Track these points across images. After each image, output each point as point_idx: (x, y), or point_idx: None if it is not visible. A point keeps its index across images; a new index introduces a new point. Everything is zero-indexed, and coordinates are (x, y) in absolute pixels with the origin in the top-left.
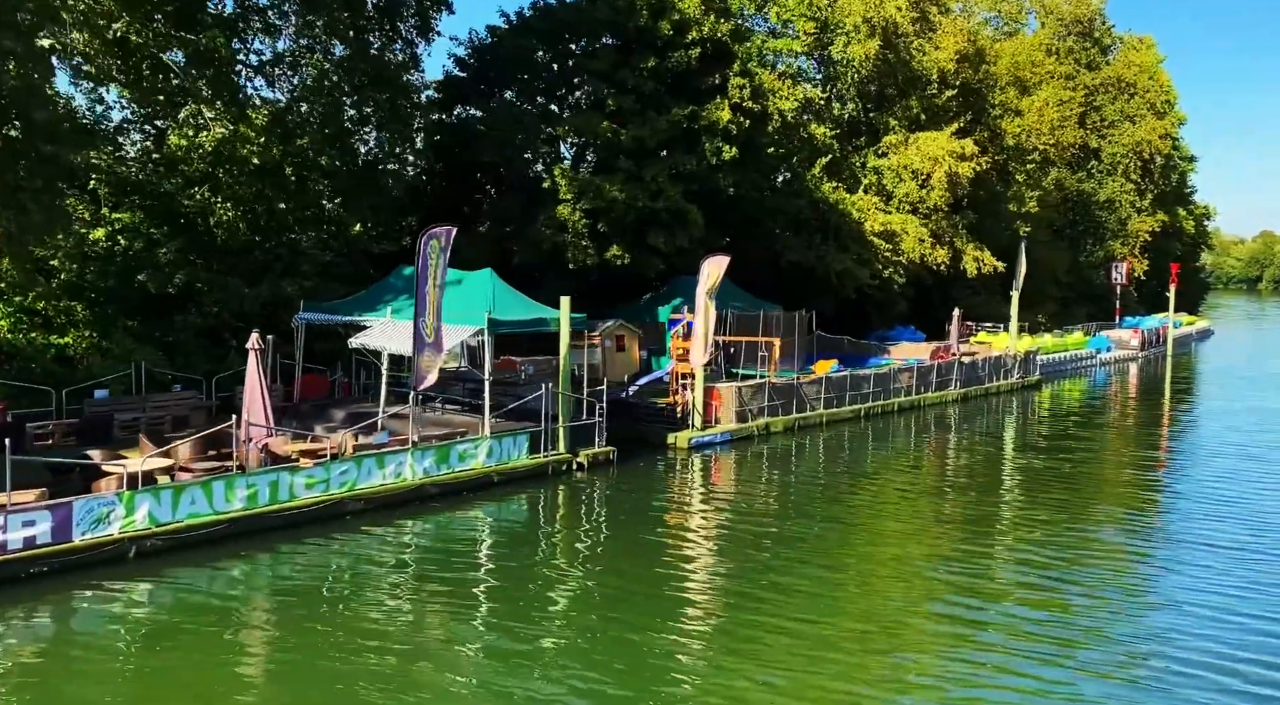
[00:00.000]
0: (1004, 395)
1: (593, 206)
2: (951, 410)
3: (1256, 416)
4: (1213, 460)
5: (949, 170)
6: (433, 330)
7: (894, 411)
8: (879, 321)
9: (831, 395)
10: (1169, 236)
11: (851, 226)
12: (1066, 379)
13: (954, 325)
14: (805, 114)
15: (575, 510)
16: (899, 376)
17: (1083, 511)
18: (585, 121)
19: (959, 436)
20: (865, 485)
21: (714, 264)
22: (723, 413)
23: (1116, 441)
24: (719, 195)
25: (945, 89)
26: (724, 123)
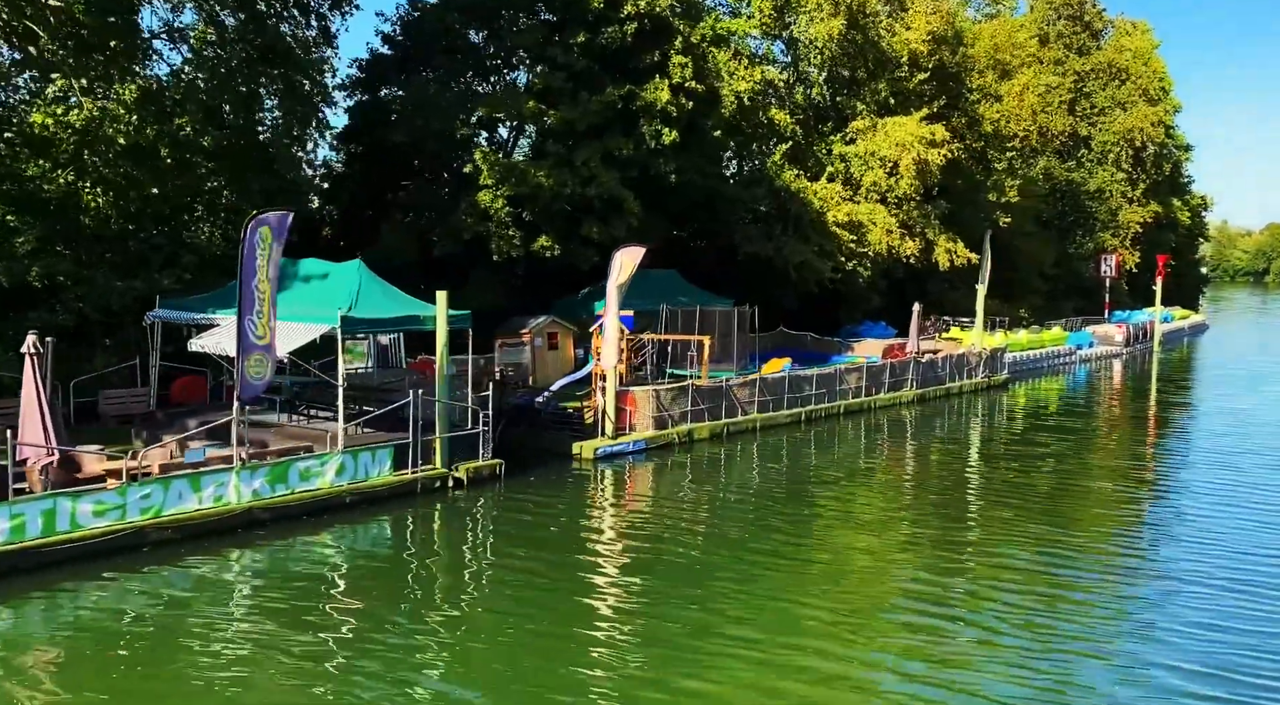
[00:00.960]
0: (967, 396)
1: (516, 193)
2: (907, 413)
3: (1235, 420)
4: (1184, 473)
5: (917, 157)
6: (266, 330)
7: (840, 415)
8: (850, 316)
9: (767, 398)
10: (1163, 228)
11: (813, 216)
12: (1041, 378)
13: (914, 321)
14: (766, 97)
15: (445, 535)
16: (846, 377)
17: (1040, 532)
18: (508, 101)
19: (909, 443)
20: (793, 501)
21: (627, 255)
22: (638, 419)
23: (1079, 449)
24: (660, 182)
25: (917, 72)
26: (662, 104)
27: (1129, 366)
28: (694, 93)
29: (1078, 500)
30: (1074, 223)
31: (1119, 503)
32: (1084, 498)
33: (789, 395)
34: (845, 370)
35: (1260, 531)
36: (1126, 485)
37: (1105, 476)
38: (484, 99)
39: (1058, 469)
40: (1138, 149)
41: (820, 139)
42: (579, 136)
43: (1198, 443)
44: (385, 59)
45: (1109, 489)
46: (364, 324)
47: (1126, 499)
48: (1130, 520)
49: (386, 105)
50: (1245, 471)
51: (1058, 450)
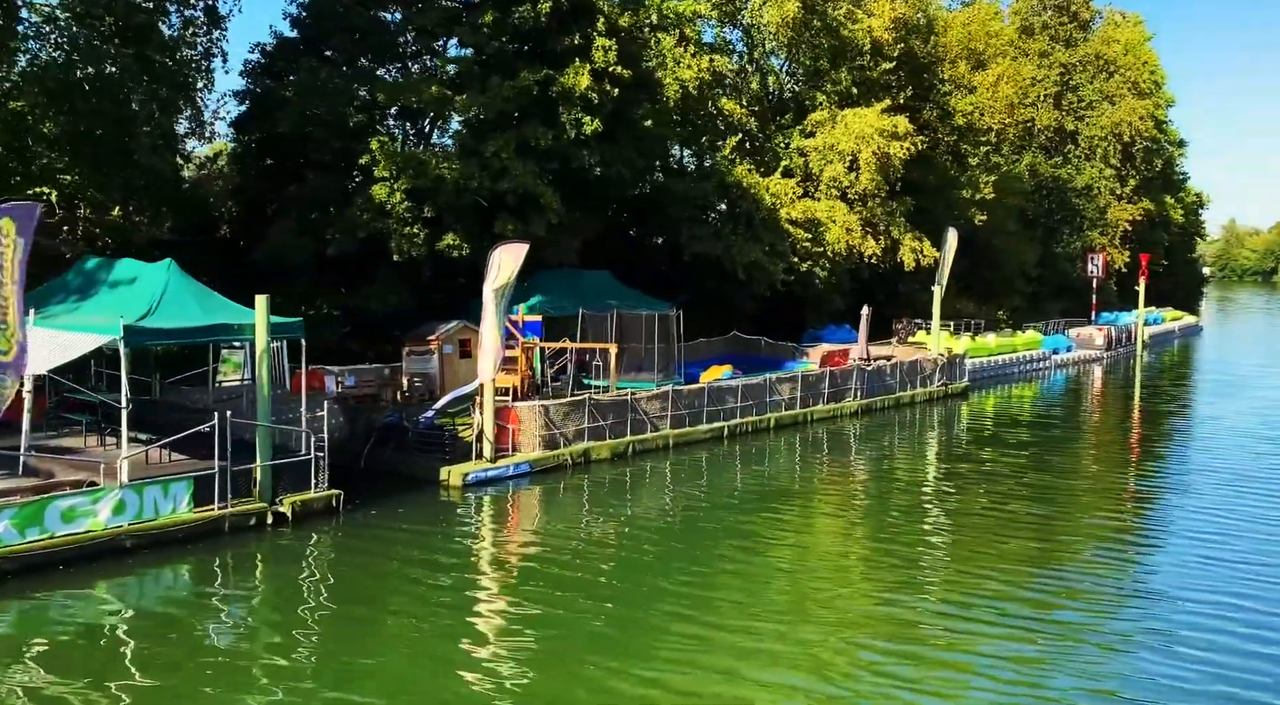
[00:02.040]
0: (920, 406)
1: (415, 186)
2: (850, 426)
3: (1208, 432)
4: (1145, 496)
5: (878, 150)
6: (9, 343)
7: (770, 430)
8: (815, 320)
9: (682, 411)
10: (1155, 226)
11: (764, 214)
12: (1011, 385)
13: (863, 325)
14: (716, 87)
15: (250, 582)
16: (778, 387)
17: (984, 565)
18: (406, 87)
19: (844, 461)
20: (700, 530)
21: (507, 253)
22: (523, 439)
23: (1032, 466)
24: (586, 175)
25: (881, 61)
26: (581, 90)
27: (1110, 372)
28: (620, 79)
29: (1021, 530)
30: (1061, 221)
31: (1065, 530)
32: (1028, 526)
33: (709, 407)
34: (777, 379)
35: (1223, 565)
36: (1077, 509)
37: (1056, 499)
38: (385, 84)
39: (1003, 491)
40: (1126, 144)
41: (779, 132)
42: (490, 125)
43: (1164, 458)
44: (289, 43)
45: (1057, 514)
46: (155, 335)
47: (1075, 525)
48: (1079, 550)
49: (278, 92)
50: (1206, 495)
51: (1006, 468)
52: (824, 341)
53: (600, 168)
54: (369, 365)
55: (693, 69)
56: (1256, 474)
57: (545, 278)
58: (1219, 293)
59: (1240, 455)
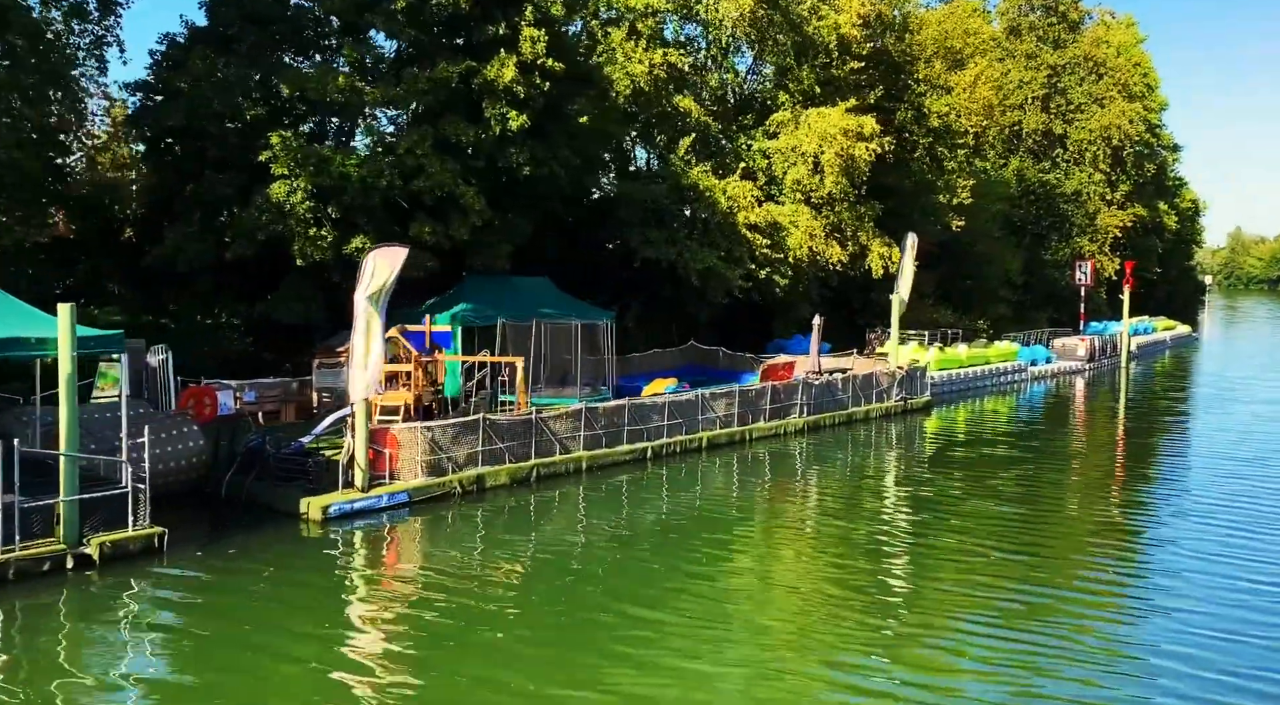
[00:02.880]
0: (876, 422)
1: (317, 185)
2: (795, 445)
3: (1190, 452)
4: (1105, 529)
5: (841, 151)
6: None
7: (702, 450)
8: (784, 329)
9: (598, 431)
10: (1148, 232)
11: (720, 218)
12: (981, 399)
13: (815, 335)
14: (671, 84)
15: (38, 641)
16: (712, 403)
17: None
18: (310, 79)
19: (780, 487)
20: (610, 567)
21: (382, 257)
22: (403, 464)
23: (981, 491)
24: (514, 174)
25: (849, 59)
26: (506, 83)
27: (1092, 385)
28: (551, 72)
29: (972, 566)
30: (1049, 227)
31: (1019, 564)
32: (977, 558)
33: (630, 427)
34: (711, 395)
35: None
36: (1038, 542)
37: (1012, 531)
38: (288, 76)
39: (955, 520)
40: (1116, 148)
41: (741, 133)
42: (418, 120)
43: (1137, 483)
44: (201, 33)
45: (1016, 547)
46: None
47: (1036, 565)
48: (1037, 593)
49: (173, 83)
50: (1185, 526)
51: (960, 492)
52: (789, 352)
53: (529, 167)
54: (273, 379)
55: (643, 64)
56: (1240, 503)
57: (472, 285)
58: (1225, 301)
59: (1220, 480)
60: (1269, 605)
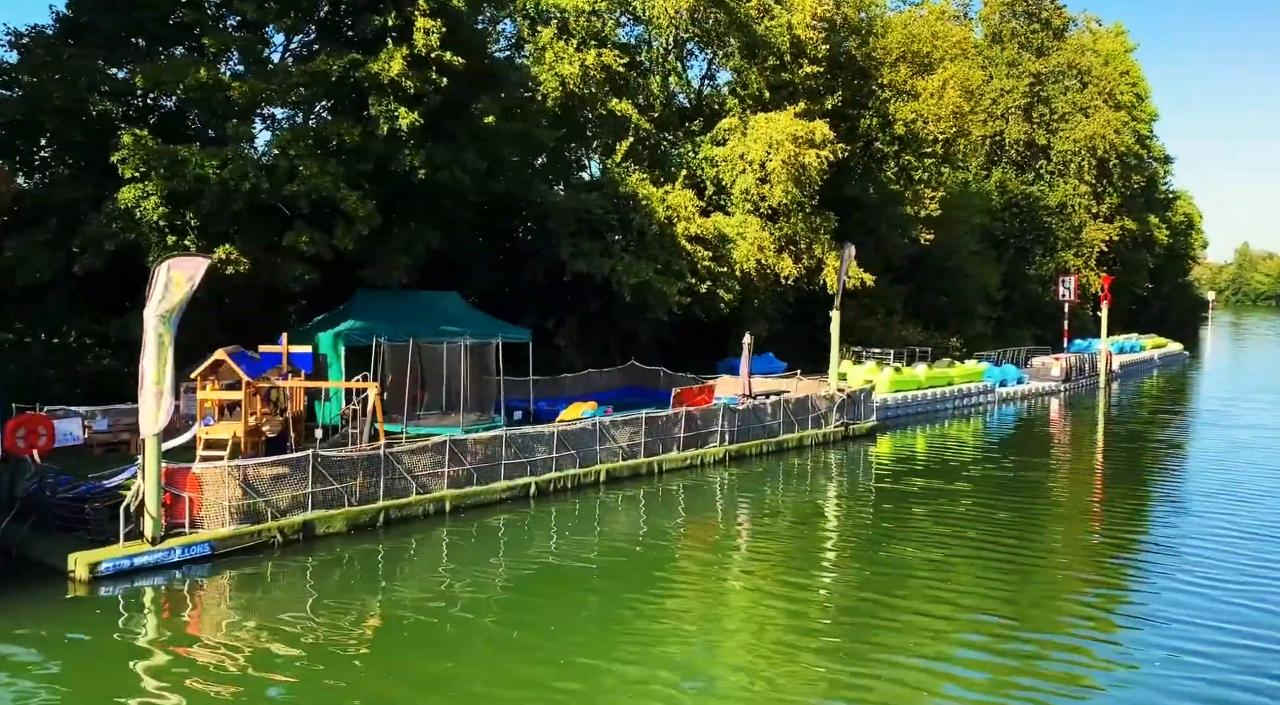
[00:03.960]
0: (811, 451)
1: (173, 189)
2: (711, 478)
3: (1158, 488)
4: (1045, 577)
5: (789, 159)
6: None
7: (599, 485)
8: (739, 347)
9: (469, 466)
10: (1138, 246)
11: (656, 229)
12: (942, 423)
13: (745, 354)
14: (606, 86)
15: None
16: (613, 432)
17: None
18: (168, 69)
19: (682, 528)
20: (451, 648)
21: (178, 268)
22: (206, 511)
23: (924, 543)
24: (408, 179)
25: (804, 62)
26: (393, 77)
27: (1068, 407)
28: (449, 67)
29: (900, 625)
30: (1033, 241)
31: (950, 626)
32: (905, 612)
33: (510, 460)
34: (615, 423)
35: None
36: (954, 588)
37: (925, 581)
38: (145, 69)
39: (885, 569)
40: (1102, 159)
41: (688, 140)
42: (275, 116)
43: (1077, 524)
44: (70, 23)
45: (943, 597)
46: None
47: (946, 613)
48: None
49: (9, 75)
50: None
51: (896, 534)
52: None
53: (425, 170)
54: (130, 405)
55: (573, 65)
56: (1213, 552)
57: (363, 301)
58: (1232, 317)
59: (1186, 522)
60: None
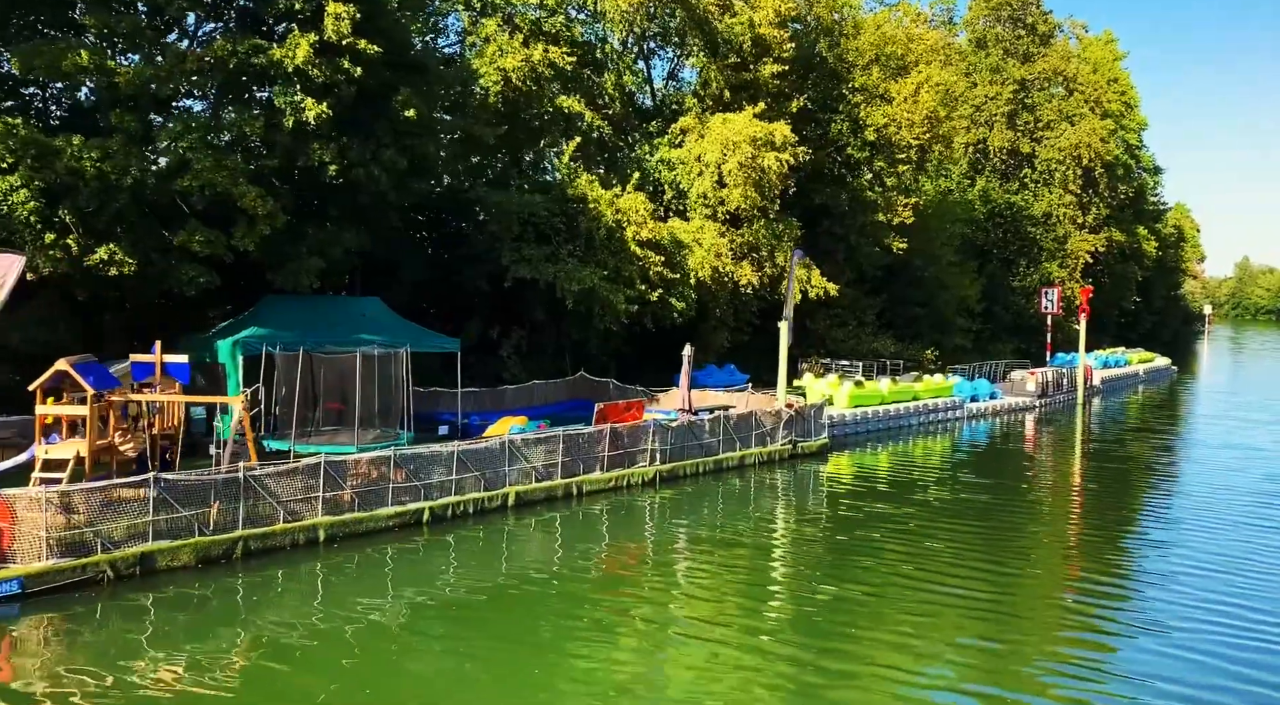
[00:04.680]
0: (756, 470)
1: (44, 181)
2: (637, 502)
3: (1127, 520)
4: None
5: (746, 161)
6: None
7: (504, 510)
8: (701, 357)
9: (346, 489)
10: (1126, 259)
11: (604, 233)
12: (905, 441)
13: (685, 366)
14: (554, 83)
15: None
16: (525, 451)
17: None
18: (45, 53)
19: (599, 558)
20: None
21: None
22: (19, 544)
23: (859, 582)
24: (318, 175)
25: (768, 62)
26: (297, 64)
27: (1042, 424)
28: (363, 55)
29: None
30: (1018, 251)
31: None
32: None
33: (400, 484)
34: (528, 441)
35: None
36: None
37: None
38: (19, 52)
39: (801, 606)
40: (1087, 168)
41: (644, 141)
42: (167, 103)
43: (1028, 556)
44: None
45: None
46: None
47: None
48: None
49: None
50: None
51: (823, 565)
52: (699, 384)
53: (335, 166)
54: (8, 417)
55: (515, 59)
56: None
57: (270, 306)
58: (1231, 331)
59: (1155, 551)
60: None
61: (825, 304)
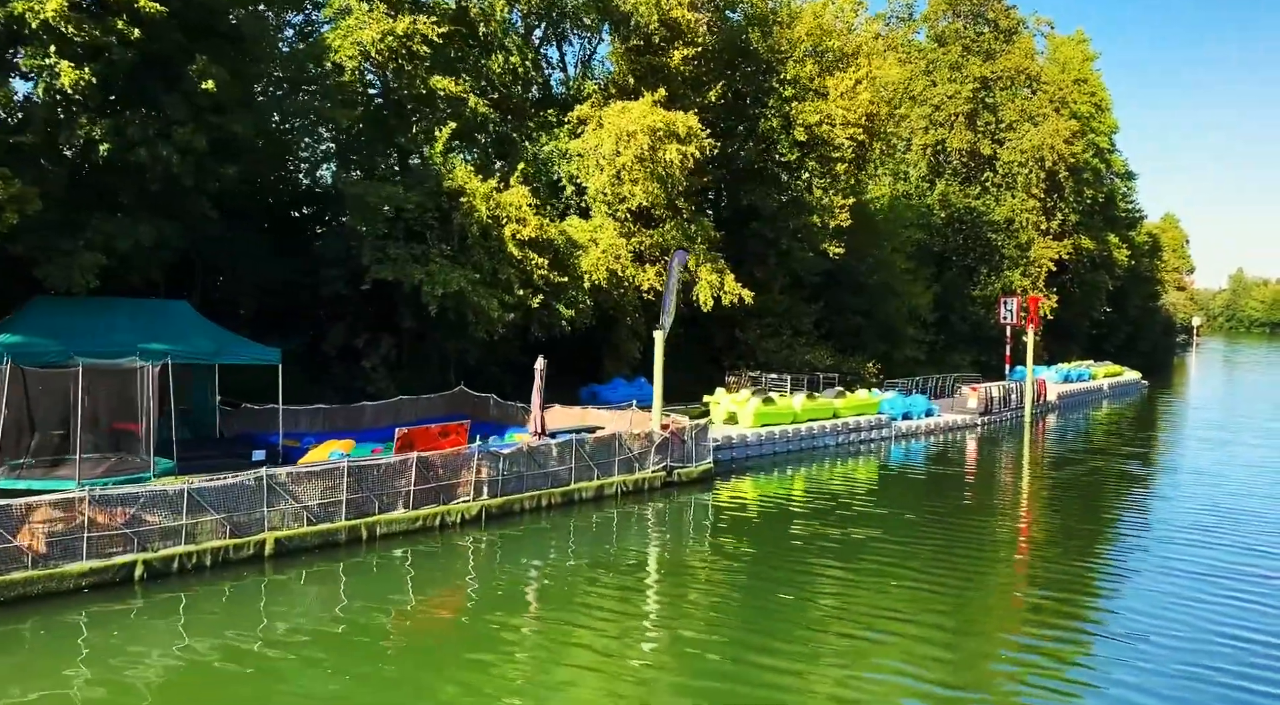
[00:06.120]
0: (618, 502)
1: None
2: (461, 543)
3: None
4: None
5: (642, 153)
6: None
7: (261, 558)
8: (616, 368)
9: (18, 543)
10: (1096, 267)
11: (478, 229)
12: (813, 465)
13: (537, 381)
14: (427, 61)
15: None
16: (292, 487)
17: None
18: None
19: (384, 618)
20: None
21: None
22: None
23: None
24: (86, 154)
25: (680, 45)
26: (48, 19)
27: (984, 445)
28: (144, 16)
29: None
30: (979, 258)
31: None
32: None
33: (97, 533)
34: (296, 476)
35: None
36: None
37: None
38: None
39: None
40: (1051, 171)
41: (542, 131)
42: None
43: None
44: None
45: None
46: None
47: None
48: None
49: None
50: None
51: (665, 623)
52: (603, 400)
53: (107, 144)
54: None
55: (374, 30)
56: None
57: (41, 309)
58: (1225, 343)
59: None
60: None
61: (756, 312)
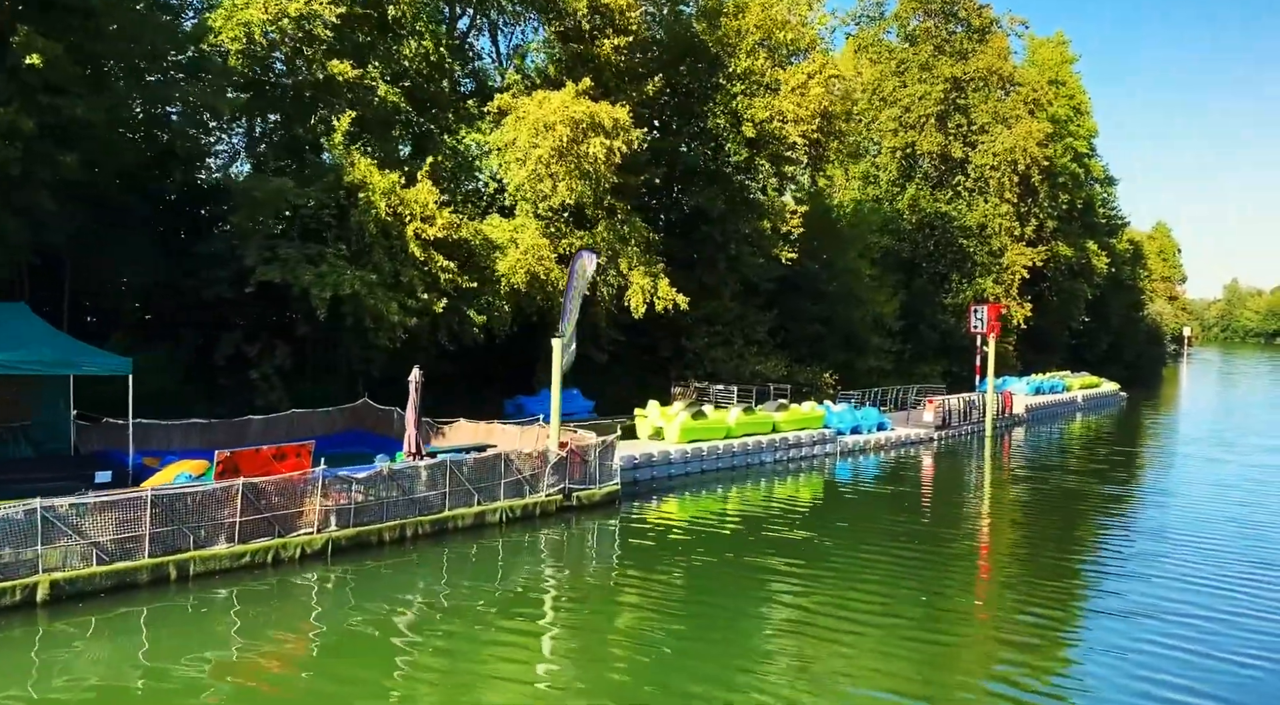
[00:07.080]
0: (502, 530)
1: None
2: (303, 579)
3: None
4: None
5: (560, 146)
6: None
7: (33, 604)
8: (547, 378)
9: None
10: (1075, 275)
11: (375, 228)
12: (747, 484)
13: (413, 395)
14: (323, 45)
15: None
16: (73, 520)
17: None
18: None
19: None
20: None
21: None
22: None
23: None
24: None
25: (613, 33)
26: None
27: (940, 461)
28: None
29: None
30: (950, 265)
31: None
32: None
33: None
34: (79, 508)
35: None
36: None
37: None
38: None
39: None
40: (1024, 175)
41: (461, 123)
42: None
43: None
44: None
45: None
46: None
47: None
48: None
49: None
50: None
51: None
52: (530, 411)
53: None
54: None
55: (258, 10)
56: None
57: None
58: (1220, 353)
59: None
60: None
61: (706, 320)
